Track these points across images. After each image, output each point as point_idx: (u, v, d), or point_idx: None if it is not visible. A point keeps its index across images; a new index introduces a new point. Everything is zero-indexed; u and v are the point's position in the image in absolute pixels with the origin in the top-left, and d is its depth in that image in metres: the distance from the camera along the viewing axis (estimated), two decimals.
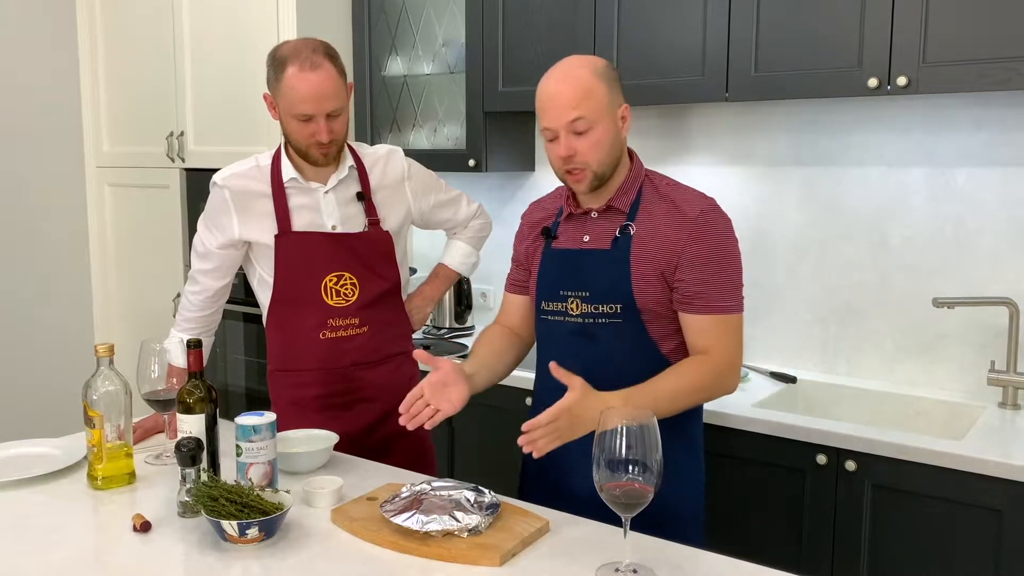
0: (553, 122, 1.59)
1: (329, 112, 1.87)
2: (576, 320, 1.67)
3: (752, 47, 2.28)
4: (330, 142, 1.89)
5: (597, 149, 1.59)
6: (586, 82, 1.58)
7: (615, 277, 1.63)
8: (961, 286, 2.34)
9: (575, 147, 1.58)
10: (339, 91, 1.89)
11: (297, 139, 1.91)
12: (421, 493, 1.50)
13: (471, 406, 1.71)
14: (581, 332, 1.67)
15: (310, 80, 1.85)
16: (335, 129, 1.90)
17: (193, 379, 1.65)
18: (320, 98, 1.86)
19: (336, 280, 1.98)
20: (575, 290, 1.67)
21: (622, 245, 1.63)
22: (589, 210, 1.69)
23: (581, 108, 1.57)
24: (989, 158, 2.29)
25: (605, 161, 1.61)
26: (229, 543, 1.41)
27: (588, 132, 1.58)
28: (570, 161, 1.60)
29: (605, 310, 1.64)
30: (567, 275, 1.69)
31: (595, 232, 1.68)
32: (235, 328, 3.24)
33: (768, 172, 2.62)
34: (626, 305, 1.62)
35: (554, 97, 1.59)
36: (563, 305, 1.69)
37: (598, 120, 1.59)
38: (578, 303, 1.66)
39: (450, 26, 2.97)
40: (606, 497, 1.28)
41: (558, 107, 1.58)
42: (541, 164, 3.06)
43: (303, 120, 1.87)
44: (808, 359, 2.58)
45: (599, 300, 1.64)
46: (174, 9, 3.26)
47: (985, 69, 1.99)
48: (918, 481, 1.92)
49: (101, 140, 3.66)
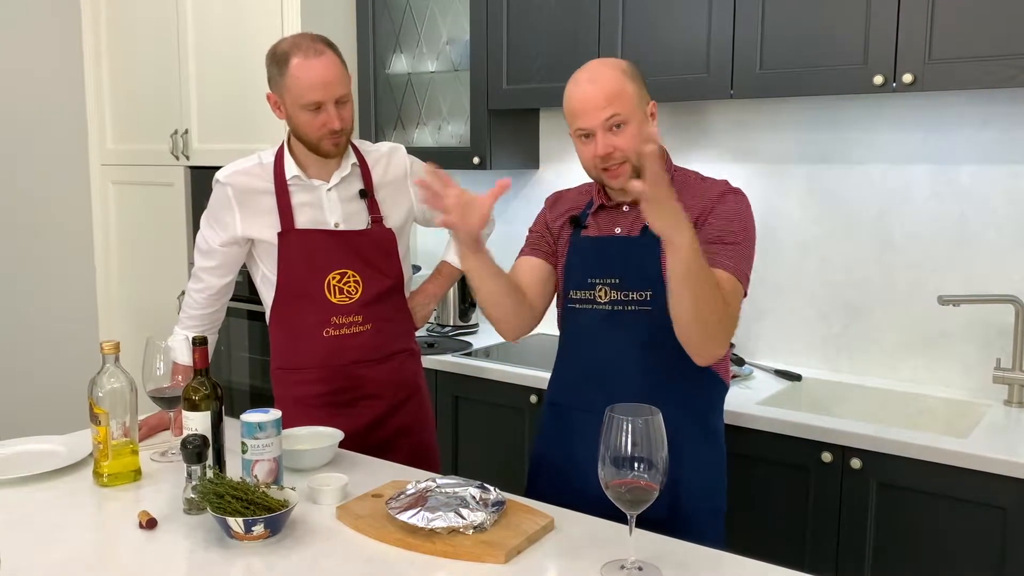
0: (589, 122, 1.60)
1: (338, 98, 1.89)
2: (604, 308, 1.68)
3: (757, 44, 2.28)
4: (341, 130, 1.90)
5: (635, 141, 1.60)
6: (616, 80, 1.61)
7: (645, 262, 1.64)
8: (966, 284, 2.34)
9: (613, 143, 1.60)
10: (344, 77, 1.91)
11: (307, 132, 1.91)
12: (426, 490, 1.50)
13: (475, 402, 1.71)
14: (609, 319, 1.68)
15: (316, 67, 1.86)
16: (344, 116, 1.91)
17: (198, 376, 1.65)
18: (328, 84, 1.87)
19: (339, 277, 1.98)
20: (604, 277, 1.68)
21: (652, 232, 1.63)
22: (621, 203, 1.71)
23: (614, 105, 1.59)
24: (994, 155, 2.28)
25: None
26: (234, 540, 1.42)
27: (624, 127, 1.60)
28: (609, 159, 1.61)
29: (635, 297, 1.65)
30: (596, 262, 1.70)
31: (626, 224, 1.70)
32: (239, 326, 3.24)
33: (773, 169, 2.61)
34: (656, 292, 1.62)
35: (587, 99, 1.60)
36: (591, 293, 1.70)
37: (631, 116, 1.61)
38: (607, 290, 1.68)
39: (454, 24, 2.97)
40: (612, 494, 1.28)
41: (592, 108, 1.60)
42: (545, 161, 3.06)
43: (313, 110, 1.88)
44: (813, 357, 2.58)
45: (629, 287, 1.66)
46: (178, 8, 3.26)
47: (991, 66, 1.99)
48: (923, 479, 1.91)
49: (106, 138, 3.66)
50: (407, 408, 2.10)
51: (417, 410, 2.13)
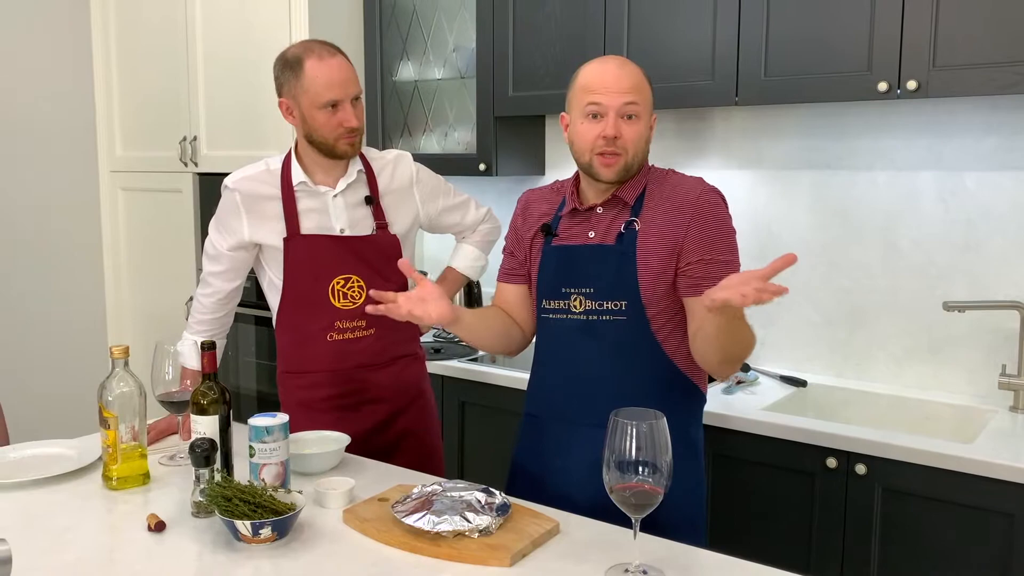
0: (608, 99, 1.59)
1: (353, 96, 1.93)
2: (579, 317, 1.66)
3: (762, 51, 2.29)
4: (357, 128, 1.94)
5: (638, 140, 1.62)
6: (640, 75, 1.64)
7: (621, 272, 1.62)
8: (971, 290, 2.34)
9: (622, 131, 1.60)
10: (356, 77, 1.96)
11: (324, 132, 1.93)
12: (432, 494, 1.51)
13: (481, 407, 1.72)
14: (584, 329, 1.66)
15: (332, 65, 1.90)
16: (359, 115, 1.95)
17: (207, 381, 1.66)
18: (345, 82, 1.91)
19: (344, 283, 2.00)
20: (579, 286, 1.66)
21: (627, 240, 1.63)
22: (594, 206, 1.69)
23: (636, 95, 1.60)
24: (999, 162, 2.29)
25: (639, 155, 1.64)
26: (242, 543, 1.43)
27: (635, 120, 1.61)
28: (612, 143, 1.60)
29: (610, 307, 1.63)
30: (570, 272, 1.68)
31: (600, 228, 1.68)
32: (247, 331, 3.26)
33: (778, 176, 2.62)
34: (631, 301, 1.62)
35: (612, 78, 1.60)
36: (565, 303, 1.68)
37: (643, 114, 1.63)
38: (581, 300, 1.66)
39: (461, 32, 2.99)
40: (616, 498, 1.29)
41: (615, 88, 1.60)
42: (551, 168, 3.07)
43: (330, 109, 1.90)
44: (818, 362, 2.58)
45: (604, 296, 1.64)
46: (187, 16, 3.29)
47: (995, 73, 1.99)
48: (928, 485, 1.91)
49: (115, 145, 3.69)
50: (412, 412, 2.11)
51: (422, 414, 2.14)
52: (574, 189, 1.72)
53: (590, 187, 1.70)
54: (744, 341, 1.54)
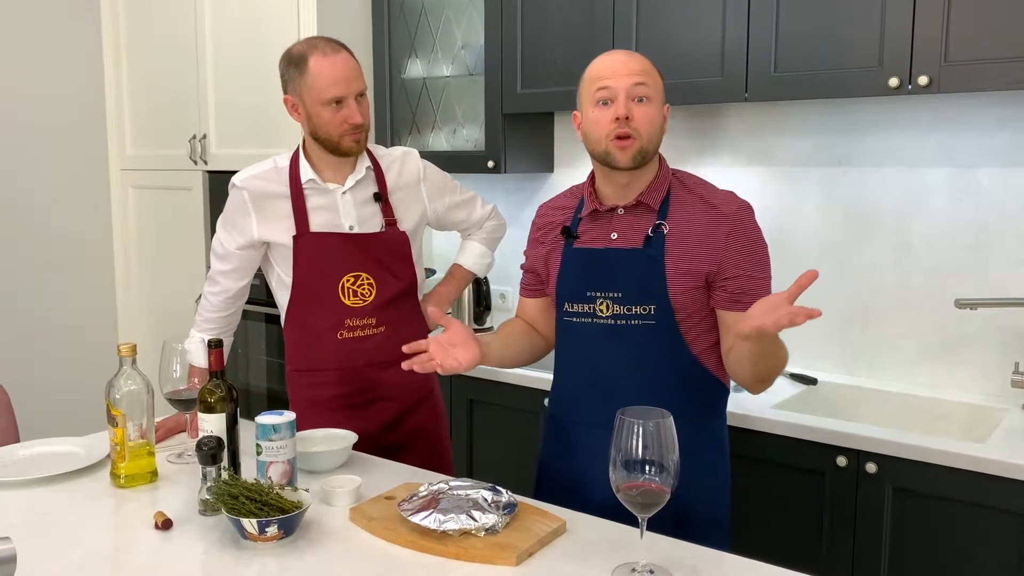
0: (616, 82, 1.60)
1: (357, 93, 1.93)
2: (606, 321, 1.65)
3: (771, 47, 2.28)
4: (362, 125, 1.94)
5: (650, 123, 1.61)
6: (649, 63, 1.65)
7: (649, 277, 1.61)
8: (983, 287, 2.32)
9: (633, 112, 1.60)
10: (361, 73, 1.95)
11: (329, 129, 1.93)
12: (439, 492, 1.51)
13: (490, 405, 1.71)
14: (612, 333, 1.65)
15: (336, 62, 1.91)
16: (363, 112, 1.95)
17: (214, 379, 1.67)
18: (349, 78, 1.91)
19: (353, 280, 1.99)
20: (605, 290, 1.64)
21: (656, 244, 1.62)
22: (615, 207, 1.67)
23: (645, 77, 1.61)
24: (1011, 158, 2.27)
25: (653, 140, 1.62)
26: (249, 541, 1.43)
27: (646, 103, 1.61)
28: (625, 124, 1.59)
29: (638, 311, 1.62)
30: (595, 275, 1.66)
31: (623, 229, 1.66)
32: (256, 329, 3.27)
33: (788, 172, 2.60)
34: (660, 306, 1.61)
35: (620, 63, 1.62)
36: (591, 306, 1.66)
37: (655, 98, 1.62)
38: (608, 304, 1.64)
39: (469, 29, 2.98)
40: (623, 498, 1.28)
41: (624, 72, 1.60)
42: (560, 165, 3.06)
43: (334, 106, 1.90)
44: (829, 361, 2.57)
45: (632, 301, 1.62)
46: (196, 15, 3.30)
47: (1007, 68, 1.97)
48: (939, 484, 1.90)
49: (125, 143, 3.70)
50: (420, 410, 2.11)
51: (430, 412, 2.13)
52: (591, 189, 1.71)
53: (607, 183, 1.68)
54: (778, 359, 1.56)
